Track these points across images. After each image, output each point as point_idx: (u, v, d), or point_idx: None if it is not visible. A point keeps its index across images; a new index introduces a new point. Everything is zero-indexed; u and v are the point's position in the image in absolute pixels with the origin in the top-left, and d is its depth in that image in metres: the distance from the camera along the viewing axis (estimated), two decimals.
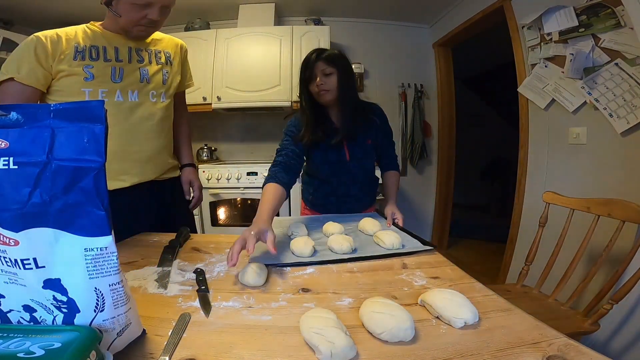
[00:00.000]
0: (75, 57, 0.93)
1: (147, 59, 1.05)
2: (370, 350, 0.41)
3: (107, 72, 0.96)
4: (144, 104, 1.03)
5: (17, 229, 0.31)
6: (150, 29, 0.99)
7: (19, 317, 0.36)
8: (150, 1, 0.90)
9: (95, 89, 0.95)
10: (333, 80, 1.08)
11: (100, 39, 0.98)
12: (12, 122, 0.32)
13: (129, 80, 1.00)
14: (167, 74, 1.09)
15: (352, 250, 0.78)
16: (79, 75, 0.93)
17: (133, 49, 1.02)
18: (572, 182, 1.71)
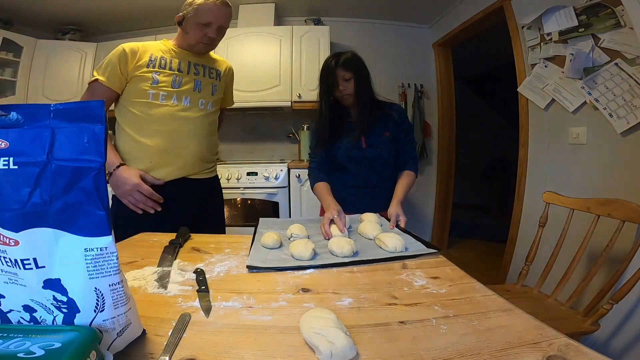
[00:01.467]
0: (148, 65, 1.12)
1: (202, 73, 1.23)
2: (370, 350, 0.41)
3: (169, 80, 1.14)
4: (193, 109, 1.19)
5: (17, 229, 0.31)
6: (208, 46, 1.18)
7: (19, 317, 0.36)
8: (210, 21, 1.10)
9: (157, 92, 1.13)
10: (352, 85, 1.17)
11: (170, 53, 1.17)
12: (12, 122, 0.32)
13: (185, 88, 1.17)
14: (215, 87, 1.27)
15: (353, 253, 0.76)
16: (148, 79, 1.11)
17: (192, 63, 1.20)
18: (572, 182, 1.71)
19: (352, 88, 1.16)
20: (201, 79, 1.22)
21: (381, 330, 0.46)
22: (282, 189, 2.51)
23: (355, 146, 1.24)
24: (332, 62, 1.17)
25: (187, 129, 1.17)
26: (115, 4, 2.58)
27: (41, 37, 2.71)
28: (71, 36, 2.86)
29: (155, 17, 2.76)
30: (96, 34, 3.02)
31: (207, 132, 1.24)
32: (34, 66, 2.65)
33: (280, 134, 3.10)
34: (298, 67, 2.67)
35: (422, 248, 0.80)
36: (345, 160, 1.26)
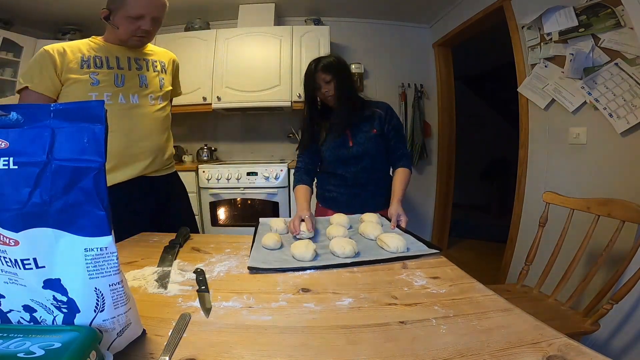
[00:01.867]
0: (82, 66, 1.05)
1: (145, 67, 1.16)
2: (370, 350, 0.41)
3: (110, 78, 1.07)
4: (143, 106, 1.14)
5: (17, 229, 0.31)
6: (144, 39, 1.11)
7: (19, 317, 0.36)
8: (142, 13, 1.02)
9: (100, 92, 1.06)
10: (332, 86, 1.20)
11: (103, 50, 1.09)
12: (12, 122, 0.32)
13: (130, 85, 1.11)
14: (162, 80, 1.21)
15: (355, 253, 0.75)
16: (86, 81, 1.04)
17: (132, 58, 1.13)
18: (572, 182, 1.71)
19: (332, 90, 1.19)
20: (146, 74, 1.16)
21: (381, 330, 0.46)
22: (282, 189, 2.51)
23: (341, 145, 1.25)
24: (312, 66, 1.21)
25: (141, 127, 1.12)
26: None
27: (41, 37, 2.71)
28: (71, 36, 2.85)
29: None
30: (96, 34, 3.02)
31: (162, 127, 1.20)
32: None
33: (280, 134, 3.10)
34: (298, 67, 2.67)
35: (423, 248, 0.80)
36: (334, 160, 1.28)
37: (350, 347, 0.42)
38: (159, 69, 1.21)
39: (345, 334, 0.45)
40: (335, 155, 1.27)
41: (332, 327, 0.47)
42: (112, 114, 1.04)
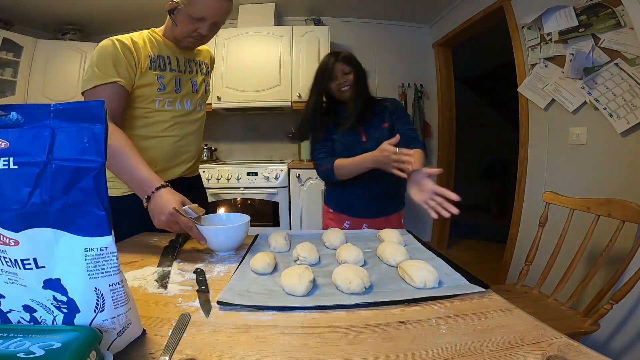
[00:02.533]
0: (151, 67, 0.99)
1: (195, 70, 1.13)
2: (370, 350, 0.41)
3: (172, 83, 1.04)
4: (192, 112, 1.12)
5: (17, 229, 0.31)
6: (197, 42, 1.05)
7: (19, 317, 0.36)
8: (204, 16, 0.95)
9: (164, 98, 1.03)
10: (351, 78, 1.20)
11: (164, 49, 1.03)
12: (12, 122, 0.32)
13: (185, 91, 1.08)
14: (207, 83, 1.19)
15: (364, 289, 0.57)
16: (155, 85, 1.00)
17: (186, 60, 1.09)
18: (572, 182, 1.71)
19: (351, 81, 1.20)
20: (196, 78, 1.13)
21: (381, 330, 0.46)
22: (282, 189, 2.52)
23: (354, 140, 1.25)
24: (331, 57, 1.21)
25: (189, 133, 1.12)
26: (115, 4, 2.58)
27: (41, 37, 2.71)
28: (71, 36, 2.86)
29: (155, 16, 2.75)
30: (96, 34, 3.02)
31: (201, 133, 1.21)
32: (34, 66, 2.65)
33: (280, 134, 3.10)
34: (298, 67, 2.67)
35: (462, 283, 0.60)
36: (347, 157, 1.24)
37: (350, 347, 0.42)
38: (205, 72, 1.17)
39: (345, 334, 0.45)
40: (348, 150, 1.23)
41: (332, 327, 0.47)
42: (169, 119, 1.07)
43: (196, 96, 1.13)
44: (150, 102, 1.01)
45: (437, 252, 0.76)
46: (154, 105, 1.02)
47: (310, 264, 0.70)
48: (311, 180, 2.52)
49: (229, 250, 0.80)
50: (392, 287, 0.60)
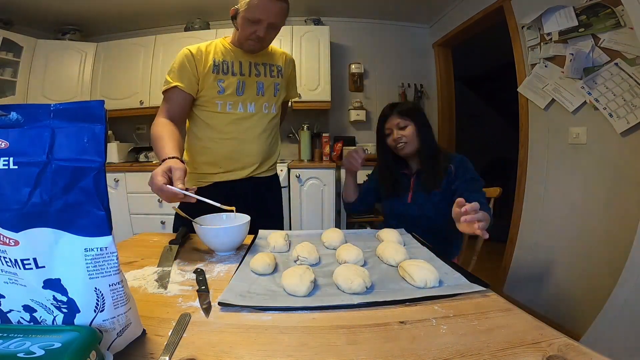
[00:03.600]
0: (213, 71, 1.07)
1: (263, 72, 1.16)
2: (370, 350, 0.41)
3: (233, 86, 1.09)
4: (257, 114, 1.14)
5: (17, 229, 0.31)
6: (257, 44, 1.07)
7: (19, 317, 0.36)
8: (259, 18, 1.00)
9: (225, 101, 1.09)
10: (409, 132, 1.12)
11: (230, 54, 1.11)
12: (12, 122, 0.32)
13: (249, 93, 1.12)
14: (278, 86, 1.19)
15: (365, 289, 0.57)
16: (214, 88, 1.07)
17: (252, 63, 1.13)
18: (572, 182, 1.71)
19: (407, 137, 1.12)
20: (263, 80, 1.15)
21: (381, 330, 0.46)
22: (282, 189, 2.51)
23: (399, 200, 1.17)
24: (387, 109, 1.17)
25: (252, 135, 1.14)
26: (115, 4, 2.58)
27: (41, 37, 2.71)
28: (71, 36, 2.86)
29: (155, 16, 2.76)
30: (96, 34, 3.02)
31: (270, 134, 1.20)
32: (34, 66, 2.65)
33: (281, 134, 3.10)
34: (298, 67, 2.65)
35: (462, 282, 0.60)
36: (389, 213, 1.19)
37: (350, 347, 0.42)
38: (275, 74, 1.19)
39: (345, 334, 0.45)
40: (390, 209, 1.19)
41: (332, 327, 0.47)
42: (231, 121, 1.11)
43: (261, 99, 1.14)
44: (212, 105, 1.08)
45: (436, 251, 0.77)
46: (216, 108, 1.08)
47: (310, 264, 0.70)
48: (311, 180, 2.52)
49: (229, 250, 0.80)
50: (394, 287, 0.60)
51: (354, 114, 2.97)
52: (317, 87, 2.70)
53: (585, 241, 1.61)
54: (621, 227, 1.41)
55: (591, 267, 1.57)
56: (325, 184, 2.52)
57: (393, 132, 1.14)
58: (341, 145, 2.86)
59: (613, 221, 1.48)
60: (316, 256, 0.73)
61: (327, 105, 2.76)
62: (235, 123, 1.11)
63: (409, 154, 1.15)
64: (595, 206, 1.57)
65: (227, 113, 1.10)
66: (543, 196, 1.88)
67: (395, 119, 1.13)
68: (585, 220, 1.62)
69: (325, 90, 2.70)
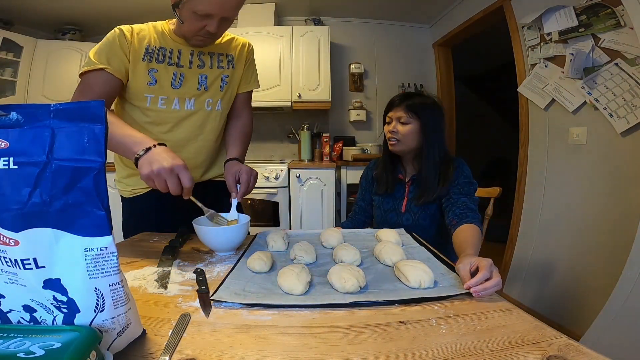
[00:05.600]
0: (144, 58, 0.91)
1: (209, 63, 1.00)
2: (370, 350, 0.41)
3: (169, 77, 0.94)
4: (198, 113, 1.00)
5: (17, 229, 0.31)
6: (207, 40, 0.94)
7: (19, 317, 0.36)
8: (210, 13, 0.84)
9: (156, 95, 0.94)
10: (407, 130, 1.01)
11: (169, 41, 0.96)
12: (12, 122, 0.32)
13: (187, 87, 0.97)
14: (226, 79, 1.03)
15: (359, 289, 0.57)
16: (144, 79, 0.92)
17: (195, 52, 0.98)
18: (572, 182, 1.71)
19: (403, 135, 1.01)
20: (207, 72, 0.99)
21: (381, 330, 0.46)
22: (282, 189, 2.52)
23: (392, 207, 1.09)
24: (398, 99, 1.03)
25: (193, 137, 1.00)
26: (115, 4, 2.58)
27: (41, 37, 2.71)
28: (71, 36, 2.86)
29: (155, 16, 2.75)
30: (96, 34, 3.02)
31: (214, 137, 1.05)
32: (34, 66, 2.65)
33: (280, 134, 3.10)
34: (298, 67, 2.67)
35: (457, 283, 0.60)
36: (381, 222, 1.11)
37: (350, 347, 0.42)
38: (225, 65, 1.02)
39: (345, 334, 0.45)
40: (383, 217, 1.11)
41: (332, 327, 0.47)
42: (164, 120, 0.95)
43: (203, 94, 0.99)
44: (140, 99, 0.93)
45: (434, 252, 0.76)
46: (145, 104, 0.93)
47: (307, 264, 0.70)
48: (311, 180, 2.52)
49: (229, 250, 0.80)
50: (388, 287, 0.60)
51: (354, 114, 2.97)
52: (317, 87, 2.70)
53: (585, 241, 1.61)
54: (621, 227, 1.41)
55: (591, 267, 1.57)
56: (325, 184, 2.52)
57: (392, 123, 1.04)
58: (341, 145, 2.86)
59: (613, 221, 1.48)
60: (313, 256, 0.73)
61: (327, 105, 2.76)
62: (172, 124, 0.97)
63: (398, 152, 1.06)
64: (595, 206, 1.57)
65: (159, 110, 0.95)
66: (543, 196, 1.88)
67: (401, 111, 1.01)
68: (585, 220, 1.62)
69: (325, 90, 2.70)
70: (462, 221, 0.88)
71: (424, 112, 1.01)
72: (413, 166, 1.10)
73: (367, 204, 1.19)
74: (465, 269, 0.59)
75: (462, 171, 1.03)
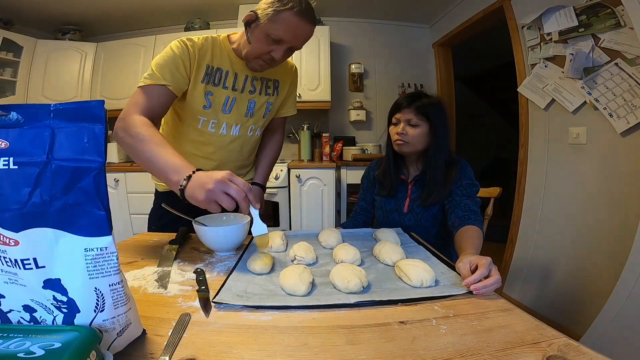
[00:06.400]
0: (203, 80, 0.91)
1: (259, 89, 1.00)
2: (370, 350, 0.41)
3: (221, 101, 0.94)
4: (241, 138, 1.02)
5: (17, 229, 0.31)
6: (268, 66, 0.92)
7: (19, 317, 0.36)
8: (283, 39, 0.84)
9: (208, 118, 0.95)
10: (416, 132, 1.01)
11: (226, 62, 0.94)
12: (12, 122, 0.32)
13: (237, 113, 0.97)
14: (270, 105, 1.04)
15: (362, 288, 0.57)
16: (201, 102, 0.92)
17: (249, 77, 0.97)
18: (572, 182, 1.71)
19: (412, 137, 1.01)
20: (256, 99, 0.99)
21: (381, 330, 0.46)
22: (282, 189, 2.51)
23: (394, 207, 1.09)
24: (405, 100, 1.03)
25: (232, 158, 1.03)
26: (115, 4, 2.58)
27: (41, 37, 2.71)
28: (71, 36, 2.86)
29: (155, 16, 2.76)
30: (96, 34, 3.02)
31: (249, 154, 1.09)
32: (34, 66, 2.65)
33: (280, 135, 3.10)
34: (298, 67, 2.65)
35: (458, 281, 0.60)
36: (383, 222, 1.11)
37: (350, 347, 0.42)
38: (271, 91, 1.03)
39: (345, 334, 0.45)
40: (385, 217, 1.11)
41: (332, 327, 0.47)
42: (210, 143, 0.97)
43: (249, 120, 1.00)
44: (194, 120, 0.94)
45: (433, 251, 0.77)
46: (197, 124, 0.94)
47: (307, 264, 0.70)
48: (311, 180, 2.52)
49: (229, 250, 0.80)
50: (390, 286, 0.60)
51: (354, 114, 2.97)
52: (317, 87, 2.70)
53: (585, 241, 1.61)
54: (621, 227, 1.41)
55: (591, 267, 1.57)
56: (325, 183, 2.52)
57: (400, 125, 1.02)
58: (341, 145, 2.86)
59: (613, 221, 1.48)
60: (313, 256, 0.73)
61: (327, 105, 2.76)
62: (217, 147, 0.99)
63: (405, 153, 1.06)
64: (595, 206, 1.57)
65: (208, 132, 0.96)
66: (543, 196, 1.88)
67: (410, 113, 1.00)
68: (585, 220, 1.62)
69: (325, 90, 2.70)
70: (464, 223, 0.89)
71: (433, 113, 1.01)
72: (417, 167, 1.10)
73: (369, 204, 1.19)
74: (466, 267, 0.61)
75: (465, 173, 1.03)
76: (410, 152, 1.05)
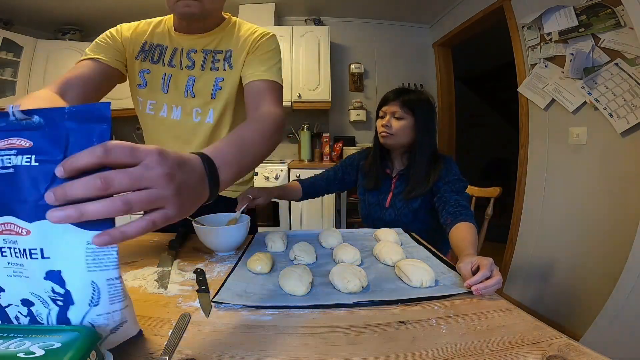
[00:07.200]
0: (137, 56, 0.82)
1: (200, 63, 0.83)
2: (370, 350, 0.41)
3: (158, 79, 0.83)
4: (185, 124, 0.85)
5: (31, 219, 0.33)
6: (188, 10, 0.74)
7: (16, 311, 0.36)
8: None
9: (144, 98, 0.85)
10: (400, 125, 1.02)
11: (166, 37, 0.84)
12: (35, 124, 0.35)
13: (175, 93, 0.84)
14: (220, 81, 0.84)
15: (362, 289, 0.57)
16: (135, 80, 0.84)
17: (185, 50, 0.83)
18: (572, 182, 1.71)
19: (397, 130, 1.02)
20: (196, 75, 0.83)
21: (381, 330, 0.46)
22: None
23: (376, 202, 1.09)
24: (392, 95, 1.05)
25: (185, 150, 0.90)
26: (115, 4, 2.58)
27: (41, 37, 2.71)
28: (71, 36, 2.86)
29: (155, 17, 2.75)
30: (96, 34, 2.99)
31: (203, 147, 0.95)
32: (34, 66, 2.65)
33: None
34: (298, 67, 2.67)
35: (458, 281, 0.60)
36: (365, 216, 1.12)
37: (350, 347, 0.42)
38: (220, 65, 0.84)
39: (345, 334, 0.45)
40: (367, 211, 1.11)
41: (332, 327, 0.47)
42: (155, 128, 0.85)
43: (190, 102, 0.84)
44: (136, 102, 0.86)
45: (433, 251, 0.77)
46: (138, 106, 0.86)
47: (307, 264, 0.70)
48: None
49: (229, 250, 0.80)
50: (390, 287, 0.60)
51: (354, 114, 2.97)
52: (317, 87, 2.70)
53: (585, 241, 1.61)
54: (621, 227, 1.41)
55: (591, 267, 1.57)
56: None
57: (385, 117, 1.04)
58: (341, 145, 2.86)
59: (613, 221, 1.48)
60: (313, 256, 0.73)
61: (327, 105, 2.76)
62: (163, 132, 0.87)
63: (389, 145, 1.06)
64: (595, 206, 1.58)
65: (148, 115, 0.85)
66: (543, 196, 1.88)
67: (395, 106, 1.02)
68: (585, 220, 1.62)
69: (325, 90, 2.71)
70: (457, 219, 0.87)
71: (419, 108, 1.02)
72: (402, 161, 1.10)
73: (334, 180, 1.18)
74: (467, 268, 0.60)
75: (450, 169, 1.02)
76: (395, 144, 1.05)
